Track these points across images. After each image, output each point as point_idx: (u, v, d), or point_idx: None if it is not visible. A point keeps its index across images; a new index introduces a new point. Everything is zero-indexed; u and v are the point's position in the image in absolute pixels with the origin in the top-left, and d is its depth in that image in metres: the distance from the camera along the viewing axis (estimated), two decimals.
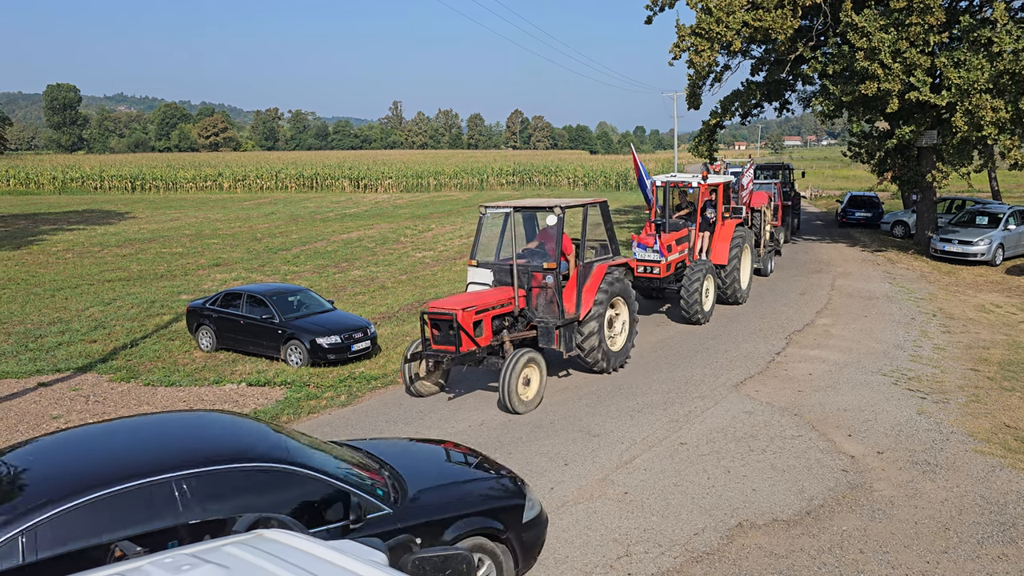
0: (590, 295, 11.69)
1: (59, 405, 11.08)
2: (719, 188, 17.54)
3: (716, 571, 6.64)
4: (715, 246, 17.37)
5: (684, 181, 17.45)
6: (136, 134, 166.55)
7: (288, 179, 64.40)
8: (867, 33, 21.06)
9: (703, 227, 17.39)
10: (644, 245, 16.00)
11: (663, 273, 15.97)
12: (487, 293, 11.52)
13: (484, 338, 10.95)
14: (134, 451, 4.88)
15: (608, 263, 12.23)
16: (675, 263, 16.34)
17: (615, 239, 12.77)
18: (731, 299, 17.38)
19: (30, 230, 33.62)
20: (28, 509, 4.06)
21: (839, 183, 62.63)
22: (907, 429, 9.93)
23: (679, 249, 16.54)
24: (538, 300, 11.60)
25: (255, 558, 2.31)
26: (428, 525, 5.31)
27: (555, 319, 11.38)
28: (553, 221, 11.39)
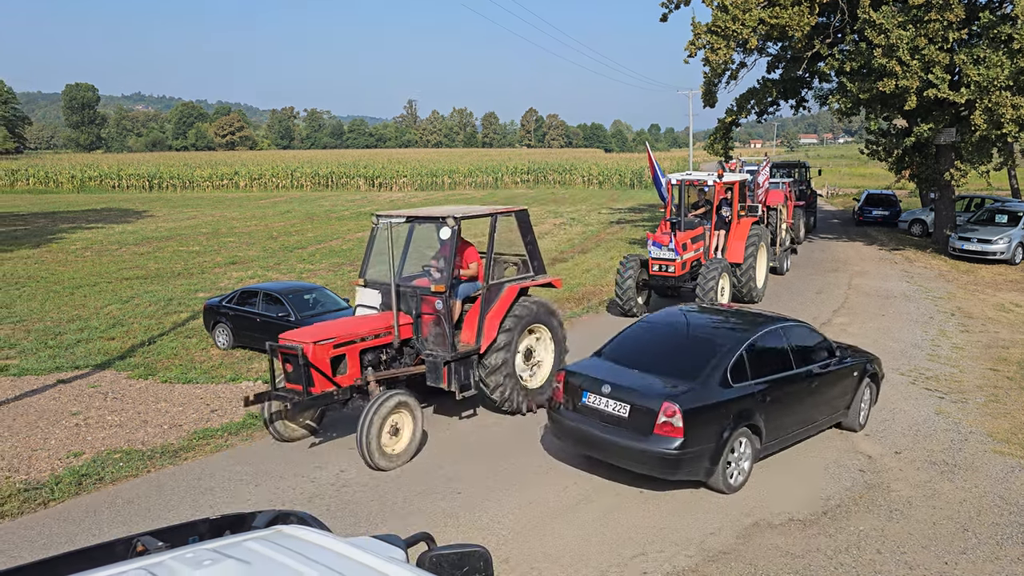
0: (495, 322, 9.87)
1: (78, 402, 11.19)
2: (735, 186, 17.46)
3: (732, 570, 6.62)
4: (731, 244, 17.33)
5: (700, 179, 17.41)
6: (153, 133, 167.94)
7: (304, 178, 64.73)
8: (885, 30, 20.88)
9: (719, 225, 17.37)
10: (659, 243, 15.95)
11: (678, 271, 15.91)
12: (359, 321, 9.89)
13: (348, 376, 9.23)
14: (760, 316, 9.45)
15: (522, 283, 10.43)
16: (690, 261, 16.29)
17: (538, 255, 10.92)
18: (746, 298, 17.26)
19: (49, 229, 33.98)
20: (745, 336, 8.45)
21: (856, 181, 62.20)
22: (925, 429, 9.85)
23: (694, 247, 16.47)
24: (429, 329, 9.80)
25: (275, 553, 2.34)
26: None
27: (445, 352, 9.54)
28: (447, 235, 9.60)
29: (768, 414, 8.17)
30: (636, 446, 7.58)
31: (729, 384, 7.87)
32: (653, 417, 7.50)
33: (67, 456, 9.21)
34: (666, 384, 7.80)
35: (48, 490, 8.28)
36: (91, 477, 8.61)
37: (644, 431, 7.55)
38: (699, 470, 7.69)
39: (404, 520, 7.42)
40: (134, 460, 9.06)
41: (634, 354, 8.59)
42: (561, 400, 8.46)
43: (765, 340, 8.53)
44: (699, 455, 7.56)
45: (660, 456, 7.47)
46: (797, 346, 8.85)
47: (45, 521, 7.67)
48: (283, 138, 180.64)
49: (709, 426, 7.57)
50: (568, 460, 8.96)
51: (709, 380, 7.82)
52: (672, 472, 7.61)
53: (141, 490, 8.34)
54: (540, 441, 9.55)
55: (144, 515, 7.73)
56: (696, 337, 8.83)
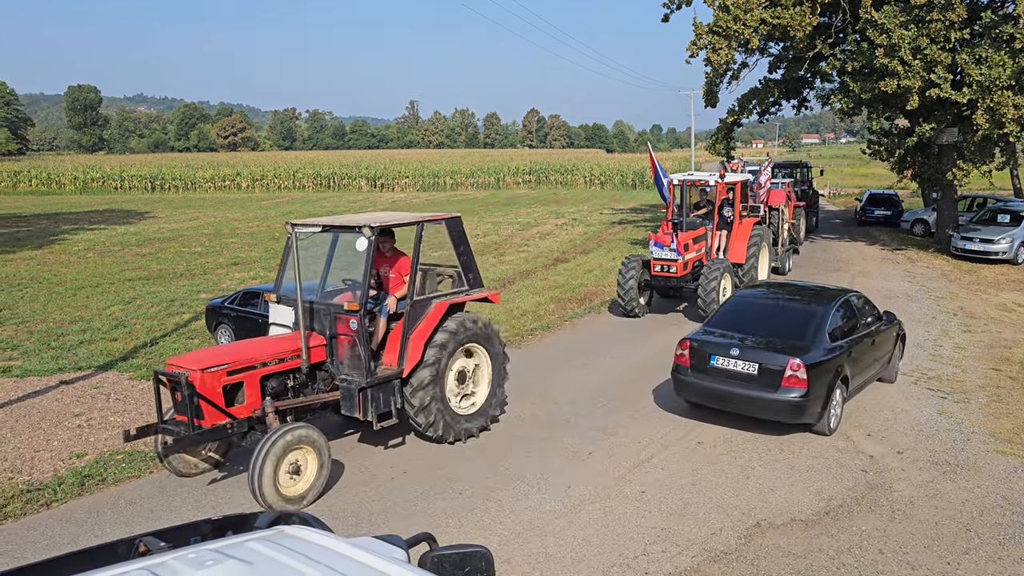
0: (419, 343, 8.92)
1: (81, 403, 11.20)
2: (737, 186, 17.43)
3: (734, 571, 6.62)
4: (733, 245, 17.32)
5: (701, 179, 17.38)
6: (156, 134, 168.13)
7: (306, 179, 64.79)
8: (887, 30, 20.87)
9: (720, 226, 17.38)
10: (661, 244, 15.92)
11: (680, 272, 15.87)
12: (262, 343, 8.86)
13: (246, 406, 8.23)
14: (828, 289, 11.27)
15: (453, 299, 9.40)
16: (692, 262, 16.28)
17: (474, 267, 9.86)
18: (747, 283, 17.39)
19: (52, 230, 34.03)
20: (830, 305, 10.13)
21: (858, 181, 62.16)
22: (927, 429, 9.84)
23: (696, 248, 16.45)
24: (344, 351, 8.82)
25: (277, 554, 2.34)
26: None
27: (361, 377, 8.61)
28: (363, 246, 8.60)
29: (850, 367, 9.78)
30: (766, 397, 9.16)
31: (828, 343, 9.56)
32: (781, 372, 9.07)
33: (70, 457, 9.22)
34: (785, 345, 9.45)
35: (51, 491, 8.29)
36: (94, 478, 8.61)
37: (773, 385, 9.15)
38: (814, 415, 9.21)
39: (405, 521, 7.43)
40: (136, 461, 9.07)
41: (741, 324, 10.14)
42: (688, 364, 9.94)
43: (842, 307, 10.30)
44: (815, 402, 9.11)
45: (788, 404, 9.07)
46: (859, 311, 10.68)
47: (48, 522, 7.68)
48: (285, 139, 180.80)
49: (821, 378, 9.15)
50: (568, 461, 8.97)
51: (816, 341, 9.53)
52: (797, 417, 9.21)
53: (143, 491, 8.35)
54: (541, 443, 9.56)
55: (146, 516, 7.74)
56: (791, 308, 10.43)
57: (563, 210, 42.24)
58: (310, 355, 8.64)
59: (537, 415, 10.54)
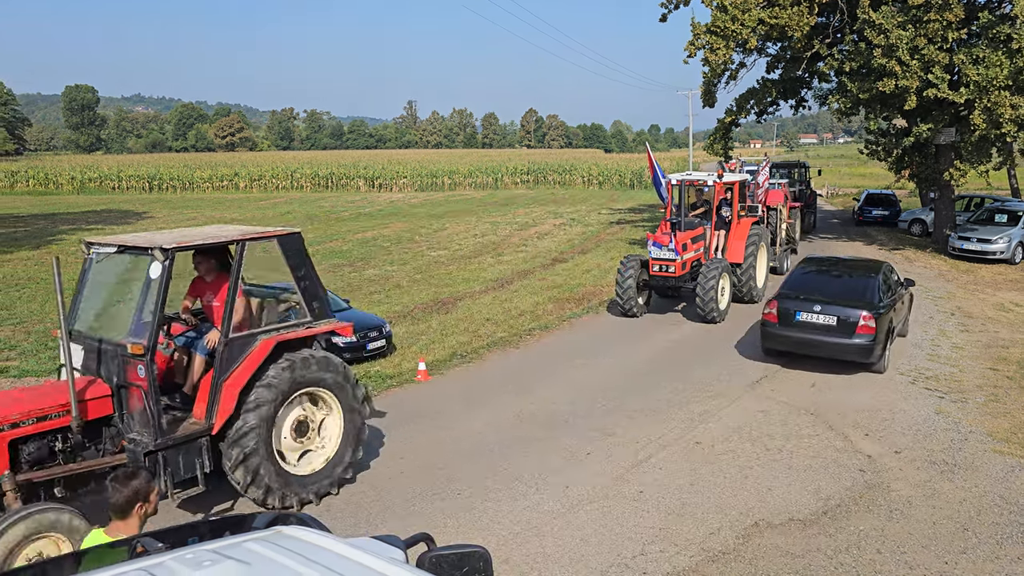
0: (233, 390, 7.25)
1: None
2: (735, 186, 17.40)
3: (732, 571, 6.63)
4: (731, 244, 17.27)
5: (700, 179, 17.29)
6: (153, 134, 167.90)
7: (304, 179, 64.72)
8: (884, 30, 20.88)
9: (719, 225, 17.33)
10: (659, 243, 15.85)
11: (678, 272, 15.80)
12: (17, 395, 7.01)
13: None
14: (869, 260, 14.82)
15: (286, 334, 7.75)
16: (690, 261, 16.22)
17: (319, 294, 8.29)
18: (747, 298, 17.26)
19: (49, 230, 33.98)
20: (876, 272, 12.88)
21: (856, 181, 62.21)
22: (925, 429, 9.85)
23: (694, 248, 16.40)
24: (134, 403, 7.04)
25: (275, 554, 2.34)
26: None
27: (149, 437, 6.89)
28: (156, 272, 7.04)
29: (893, 319, 12.46)
30: (844, 342, 11.74)
31: (883, 301, 12.14)
32: (856, 323, 11.66)
33: None
34: (854, 303, 11.96)
35: None
36: None
37: (849, 333, 11.71)
38: (877, 356, 11.80)
39: (404, 521, 7.43)
40: None
41: (811, 288, 12.75)
42: (776, 320, 12.44)
43: (884, 274, 12.94)
44: (878, 346, 11.71)
45: (860, 347, 11.68)
46: (892, 277, 13.33)
47: None
48: (283, 139, 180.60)
49: (882, 327, 11.72)
50: (566, 461, 8.97)
51: (874, 299, 12.07)
52: (866, 357, 11.79)
53: None
54: (539, 443, 9.56)
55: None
56: (850, 275, 13.26)
57: (561, 210, 42.25)
58: (85, 409, 6.78)
59: (535, 415, 10.54)
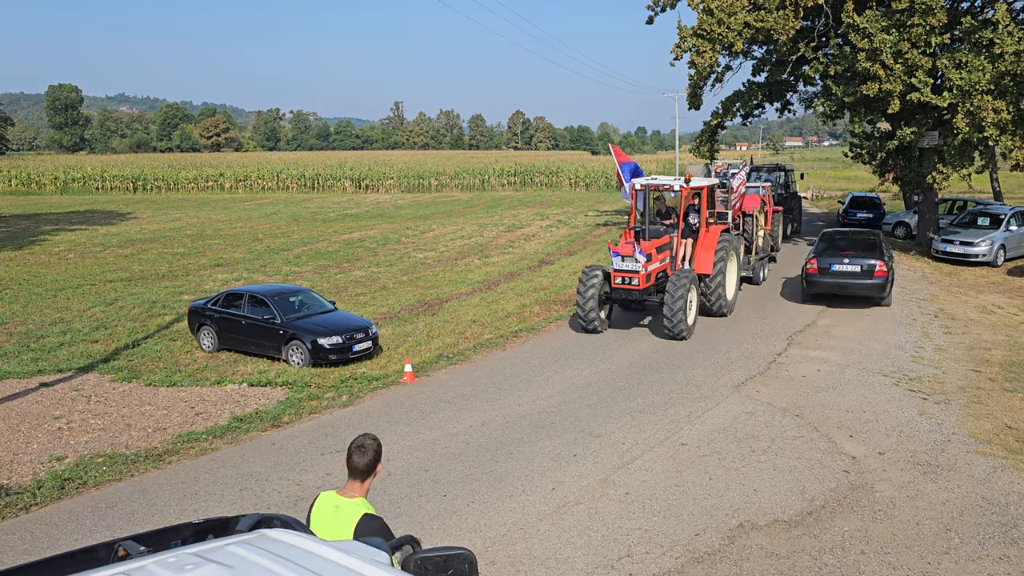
0: None
1: (61, 405, 11.09)
2: (703, 191, 16.25)
3: (717, 571, 6.65)
4: (699, 254, 16.18)
5: (665, 184, 15.88)
6: (138, 134, 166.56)
7: (290, 179, 64.43)
8: (869, 34, 21.06)
9: (686, 234, 16.28)
10: (622, 254, 14.61)
11: (642, 284, 14.61)
12: None
13: None
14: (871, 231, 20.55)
15: None
16: (656, 273, 15.11)
17: None
18: (716, 311, 16.19)
19: (32, 230, 33.66)
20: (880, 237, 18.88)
21: (841, 184, 62.60)
22: (908, 430, 9.93)
23: (660, 258, 15.29)
24: None
25: (259, 557, 2.32)
26: None
27: None
28: None
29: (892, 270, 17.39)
30: (866, 282, 16.98)
31: (886, 256, 17.37)
32: (874, 268, 16.91)
33: (49, 460, 9.13)
34: (870, 256, 17.18)
35: (30, 494, 8.20)
36: (74, 481, 8.54)
37: (869, 275, 16.94)
38: (887, 292, 17.11)
39: (390, 523, 7.39)
40: (118, 464, 8.99)
41: (836, 248, 17.87)
42: (817, 271, 17.36)
43: (883, 240, 18.38)
44: (888, 285, 17.00)
45: (877, 285, 16.88)
46: (883, 241, 18.36)
47: (27, 525, 7.60)
48: (269, 140, 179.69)
49: (889, 272, 17.00)
50: (553, 463, 8.96)
51: (882, 254, 17.25)
52: (880, 293, 17.00)
53: (124, 494, 8.28)
54: (526, 445, 9.56)
55: (128, 519, 7.67)
56: (862, 239, 18.33)
57: (548, 212, 42.29)
58: None
59: (522, 417, 10.54)
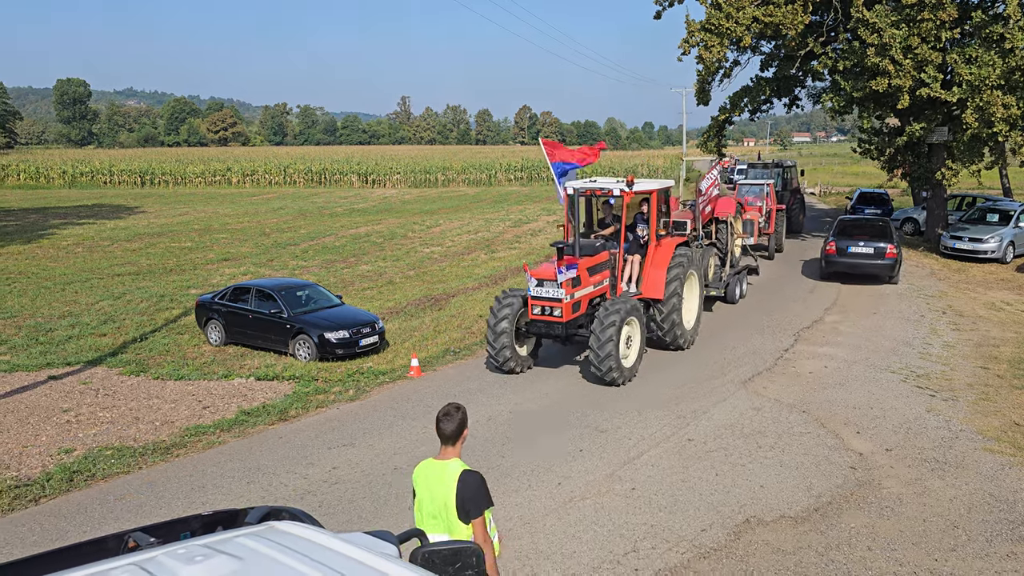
0: None
1: (69, 398, 11.15)
2: (652, 197, 13.12)
3: (723, 567, 6.65)
4: (647, 274, 13.13)
5: (604, 188, 12.70)
6: (145, 129, 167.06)
7: (296, 174, 64.49)
8: (878, 29, 20.94)
9: (632, 249, 13.29)
10: (538, 278, 11.67)
11: (567, 315, 11.60)
12: None
13: None
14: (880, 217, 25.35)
15: None
16: (588, 299, 12.20)
17: None
18: (670, 344, 13.36)
19: (40, 224, 33.80)
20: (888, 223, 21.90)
21: (849, 180, 62.35)
22: (916, 427, 9.90)
23: (595, 280, 12.33)
24: None
25: (268, 549, 2.33)
26: None
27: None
28: None
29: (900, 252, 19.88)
30: (878, 263, 19.22)
31: (895, 239, 19.63)
32: (884, 250, 19.13)
33: (58, 453, 9.18)
34: (882, 240, 19.38)
35: (39, 487, 8.25)
36: (82, 474, 8.59)
37: (881, 257, 19.15)
38: (896, 272, 19.54)
39: (397, 517, 7.42)
40: (126, 457, 9.04)
41: (850, 233, 19.96)
42: (835, 252, 19.55)
43: (892, 226, 20.65)
44: (897, 265, 19.44)
45: (887, 265, 19.21)
46: (892, 227, 20.62)
47: (36, 517, 7.65)
48: (276, 134, 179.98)
49: (898, 254, 19.44)
50: (559, 457, 8.97)
51: (892, 238, 19.52)
52: (890, 272, 19.32)
53: (133, 486, 8.32)
54: (532, 439, 9.57)
55: (136, 512, 7.72)
56: (871, 225, 20.58)
57: (555, 207, 42.23)
58: None
59: (529, 411, 10.55)
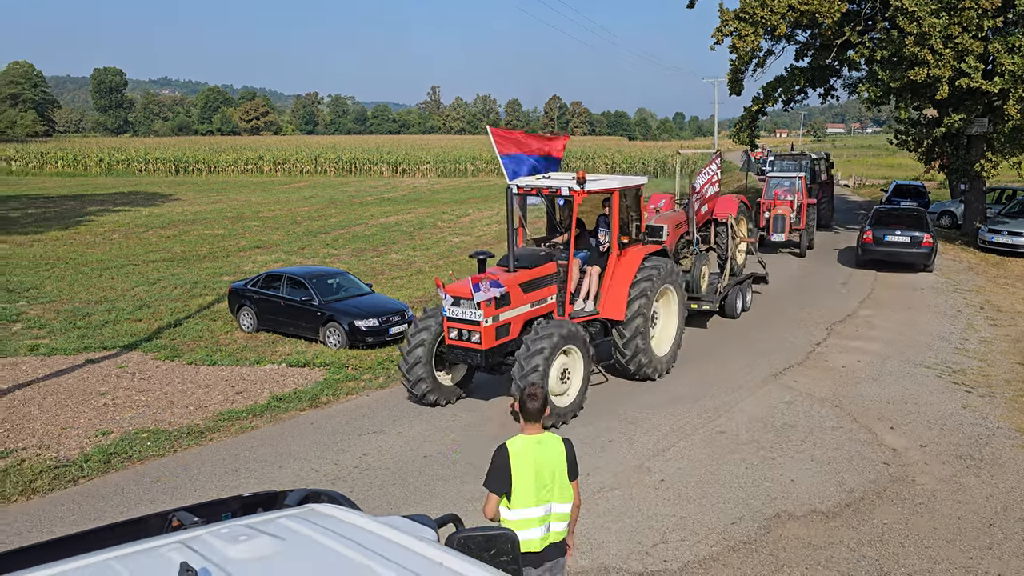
0: None
1: (106, 382, 11.37)
2: (613, 198, 10.88)
3: (753, 560, 6.61)
4: (606, 290, 10.95)
5: (552, 187, 10.52)
6: (180, 117, 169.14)
7: (327, 163, 64.96)
8: (917, 17, 20.50)
9: (593, 259, 11.23)
10: (452, 294, 9.63)
11: (488, 342, 9.53)
12: None
13: None
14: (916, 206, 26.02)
15: None
16: (521, 322, 10.00)
17: None
18: (635, 373, 11.12)
19: (78, 211, 34.43)
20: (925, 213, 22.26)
21: (884, 172, 61.27)
22: (951, 423, 9.74)
23: (533, 297, 10.15)
24: None
25: (309, 531, 2.37)
26: None
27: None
28: None
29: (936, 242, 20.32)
30: (915, 251, 19.75)
31: (931, 229, 20.14)
32: (921, 239, 19.65)
33: (96, 435, 9.37)
34: (918, 229, 19.89)
35: (78, 467, 8.44)
36: (119, 456, 8.76)
37: (918, 246, 19.67)
38: (932, 260, 20.02)
39: (425, 504, 7.48)
40: (161, 440, 9.20)
41: (887, 222, 20.47)
42: (872, 241, 20.04)
43: (928, 216, 21.16)
44: (933, 254, 19.93)
45: (924, 254, 19.70)
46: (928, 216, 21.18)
47: (75, 497, 7.82)
48: (307, 123, 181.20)
49: (934, 243, 19.90)
50: (588, 448, 8.96)
51: (928, 228, 20.05)
52: (926, 260, 19.86)
53: (168, 469, 8.48)
54: (560, 430, 9.57)
55: (171, 493, 7.86)
56: (908, 215, 21.00)
57: None
58: None
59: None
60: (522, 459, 4.72)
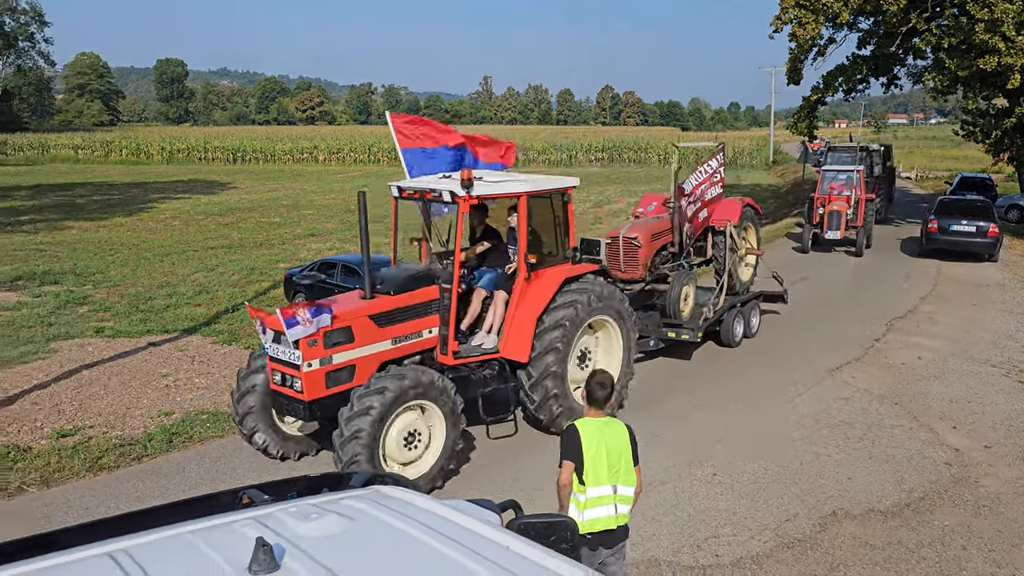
0: None
1: (167, 364, 11.71)
2: (520, 203, 8.57)
3: (808, 558, 6.51)
4: (509, 322, 8.67)
5: (435, 189, 8.63)
6: (238, 107, 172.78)
7: (381, 153, 65.57)
8: (989, 3, 19.74)
9: (501, 282, 8.86)
10: (270, 327, 7.50)
11: (314, 391, 7.41)
12: None
13: None
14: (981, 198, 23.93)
15: None
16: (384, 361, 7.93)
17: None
18: (546, 423, 8.79)
19: (141, 198, 35.47)
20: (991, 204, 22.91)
21: (948, 164, 59.33)
22: (1018, 424, 9.42)
23: (396, 332, 8.13)
24: None
25: (376, 511, 2.42)
26: None
27: None
28: None
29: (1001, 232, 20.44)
30: (980, 241, 19.81)
31: (996, 219, 20.13)
32: (987, 229, 19.61)
33: (158, 415, 9.67)
34: (983, 219, 19.87)
35: (141, 446, 8.72)
36: (181, 435, 9.03)
37: (984, 235, 19.68)
38: (997, 250, 20.05)
39: (483, 490, 7.53)
40: (220, 421, 9.45)
41: (951, 212, 20.46)
42: (937, 231, 20.10)
43: (993, 206, 21.36)
44: (998, 244, 20.01)
45: (989, 244, 19.79)
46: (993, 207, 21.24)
47: (139, 475, 8.10)
48: (361, 113, 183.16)
49: (999, 233, 19.93)
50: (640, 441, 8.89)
51: (993, 218, 20.01)
52: (991, 251, 19.94)
53: (227, 450, 8.71)
54: None
55: (231, 474, 8.08)
56: (973, 205, 20.91)
57: (635, 188, 41.69)
58: None
59: None
60: (592, 439, 4.82)
